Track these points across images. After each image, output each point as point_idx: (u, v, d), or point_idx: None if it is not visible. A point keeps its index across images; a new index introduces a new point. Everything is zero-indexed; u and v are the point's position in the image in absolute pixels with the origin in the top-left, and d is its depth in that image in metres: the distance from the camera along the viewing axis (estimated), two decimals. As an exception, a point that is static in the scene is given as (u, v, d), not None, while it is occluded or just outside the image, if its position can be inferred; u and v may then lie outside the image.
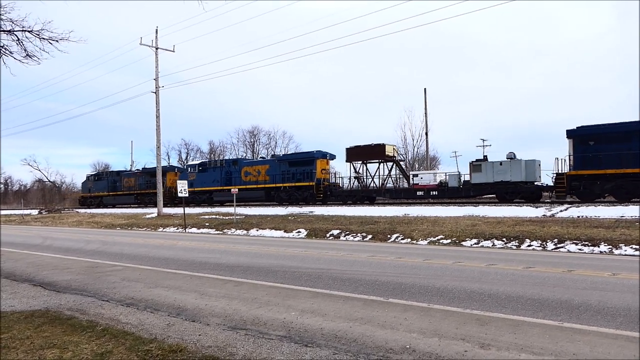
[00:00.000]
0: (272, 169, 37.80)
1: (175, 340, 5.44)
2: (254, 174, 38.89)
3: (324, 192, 35.28)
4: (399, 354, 4.79)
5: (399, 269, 10.20)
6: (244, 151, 76.98)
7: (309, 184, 35.25)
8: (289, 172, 36.65)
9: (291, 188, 36.28)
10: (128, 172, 56.91)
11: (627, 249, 12.78)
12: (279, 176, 37.12)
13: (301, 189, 35.81)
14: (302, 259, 12.17)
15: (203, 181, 41.98)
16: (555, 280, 8.51)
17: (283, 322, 6.06)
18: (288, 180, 36.54)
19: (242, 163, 41.38)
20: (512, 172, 27.48)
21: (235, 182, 39.02)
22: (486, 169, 28.34)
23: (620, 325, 5.64)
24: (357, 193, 35.38)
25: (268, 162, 39.15)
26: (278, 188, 37.14)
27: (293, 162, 37.07)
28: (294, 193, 36.16)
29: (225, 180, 40.39)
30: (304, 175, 35.78)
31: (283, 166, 37.14)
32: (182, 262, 12.18)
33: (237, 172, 39.91)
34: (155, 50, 35.94)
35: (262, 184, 38.01)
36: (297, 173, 36.17)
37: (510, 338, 5.16)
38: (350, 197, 35.08)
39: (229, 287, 8.46)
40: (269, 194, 37.77)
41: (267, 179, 37.83)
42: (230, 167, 40.98)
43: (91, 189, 56.15)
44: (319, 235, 19.43)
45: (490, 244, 14.93)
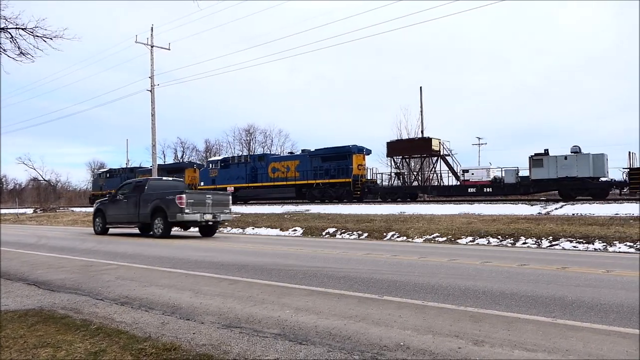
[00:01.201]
0: (303, 165, 35.95)
1: (169, 338, 5.42)
2: (282, 170, 36.95)
3: (362, 189, 33.24)
4: (393, 351, 4.79)
5: (394, 267, 10.22)
6: (240, 150, 76.98)
7: (344, 181, 33.27)
8: (321, 167, 34.75)
9: (325, 185, 34.33)
10: (143, 168, 54.76)
11: (621, 246, 12.86)
12: (310, 172, 35.21)
13: (335, 186, 33.90)
14: (297, 257, 12.18)
15: (226, 178, 40.01)
16: (549, 278, 8.54)
17: (278, 320, 6.06)
18: (321, 177, 34.56)
19: (269, 158, 39.20)
20: (578, 167, 25.69)
21: (262, 179, 37.61)
22: (548, 164, 26.48)
23: (613, 321, 5.66)
24: (400, 190, 33.12)
25: (298, 157, 37.29)
26: (310, 185, 35.13)
27: (326, 157, 35.03)
28: (328, 190, 34.26)
29: (251, 177, 38.59)
30: (338, 171, 33.87)
31: (315, 161, 35.32)
32: (177, 260, 12.16)
33: (264, 168, 38.04)
34: (150, 48, 35.88)
35: (292, 181, 36.04)
36: (331, 169, 34.29)
37: (504, 335, 5.18)
38: (391, 194, 32.94)
39: (223, 286, 8.45)
40: (299, 191, 35.84)
41: (298, 176, 35.85)
42: (255, 162, 39.06)
43: (103, 186, 53.23)
44: (315, 234, 19.45)
45: (485, 241, 14.99)
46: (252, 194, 38.22)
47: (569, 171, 25.96)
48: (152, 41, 35.70)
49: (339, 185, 33.51)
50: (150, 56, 35.82)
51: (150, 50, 35.77)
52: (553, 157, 26.49)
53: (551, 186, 27.36)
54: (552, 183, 26.88)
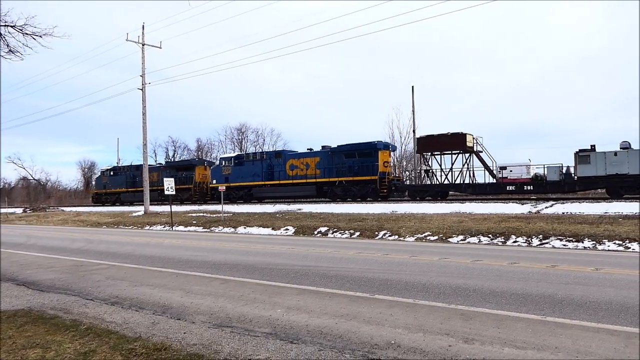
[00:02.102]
0: (324, 162, 33.87)
1: (159, 338, 5.41)
2: (301, 167, 34.93)
3: (389, 187, 31.46)
4: (383, 349, 4.81)
5: (385, 266, 10.24)
6: (232, 149, 76.75)
7: (370, 178, 31.41)
8: (344, 164, 32.72)
9: (348, 183, 32.44)
10: (150, 166, 52.33)
11: (610, 245, 12.95)
12: (332, 169, 33.18)
13: (359, 184, 32.02)
14: (289, 256, 12.17)
15: (240, 176, 38.10)
16: (539, 276, 8.60)
17: (269, 319, 6.06)
18: (344, 174, 32.61)
19: (287, 155, 36.97)
20: (629, 163, 24.16)
21: (280, 177, 35.73)
22: (596, 160, 24.99)
23: (601, 319, 5.71)
24: (431, 188, 31.04)
25: (319, 154, 34.85)
26: (332, 183, 33.20)
27: (350, 153, 32.93)
28: (352, 188, 32.42)
29: (267, 175, 36.55)
30: (363, 168, 31.90)
31: (337, 158, 33.20)
32: (168, 260, 12.11)
33: (281, 165, 36.05)
34: (141, 46, 35.67)
35: (313, 179, 34.05)
36: (354, 166, 32.31)
37: (494, 332, 5.21)
38: (421, 192, 30.91)
39: (215, 285, 8.43)
40: (321, 189, 34.00)
41: (318, 173, 33.90)
42: (272, 159, 37.02)
43: (107, 184, 51.20)
44: (307, 233, 19.44)
45: (476, 240, 15.04)
46: (268, 192, 36.56)
47: (619, 168, 24.50)
48: (143, 39, 35.52)
49: (363, 184, 31.86)
50: (141, 54, 35.67)
51: (142, 49, 35.58)
52: (601, 154, 25.11)
53: (599, 184, 25.85)
54: (600, 180, 25.36)
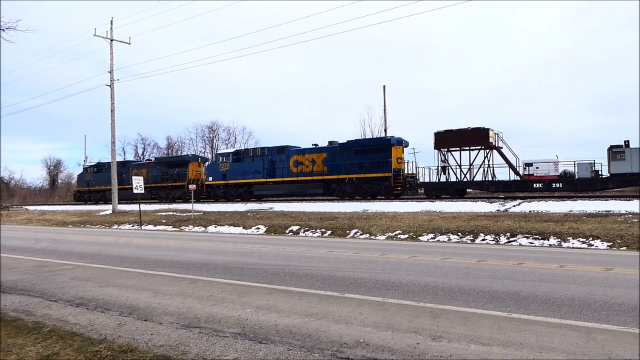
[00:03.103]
0: (331, 158, 32.44)
1: (126, 340, 5.31)
2: (306, 163, 33.38)
3: (403, 184, 30.17)
4: (352, 348, 4.82)
5: (356, 264, 10.28)
6: (203, 147, 76.01)
7: (383, 175, 30.00)
8: (354, 161, 31.25)
9: (359, 180, 30.95)
10: (138, 162, 50.45)
11: (574, 242, 13.29)
12: (341, 166, 31.72)
13: (371, 181, 30.60)
14: (259, 256, 12.11)
15: (239, 172, 36.30)
16: (505, 273, 8.77)
17: (238, 319, 6.01)
18: (353, 171, 31.19)
19: (291, 151, 34.84)
20: None
21: (283, 174, 34.14)
22: (631, 157, 23.97)
23: (564, 315, 5.86)
24: (450, 186, 29.64)
25: (326, 150, 33.26)
26: (342, 180, 31.65)
27: (360, 149, 31.52)
28: (363, 186, 30.90)
29: (269, 172, 34.82)
30: (375, 164, 30.46)
31: (346, 155, 31.69)
32: (136, 260, 11.90)
33: (284, 161, 34.40)
34: (110, 42, 34.94)
35: (319, 176, 32.54)
36: (365, 162, 30.80)
37: (461, 330, 5.28)
38: (439, 190, 29.62)
39: (183, 285, 8.32)
40: (329, 187, 32.40)
41: (325, 170, 32.44)
42: (274, 155, 35.14)
43: (90, 182, 48.24)
44: (278, 232, 19.38)
45: (446, 238, 15.23)
46: (270, 190, 34.88)
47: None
48: (111, 35, 34.77)
49: (375, 181, 30.47)
50: (109, 50, 34.94)
51: (110, 44, 34.84)
52: (636, 149, 24.06)
53: (635, 181, 24.68)
54: (635, 177, 24.33)
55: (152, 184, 41.80)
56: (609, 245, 12.66)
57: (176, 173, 40.94)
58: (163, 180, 41.43)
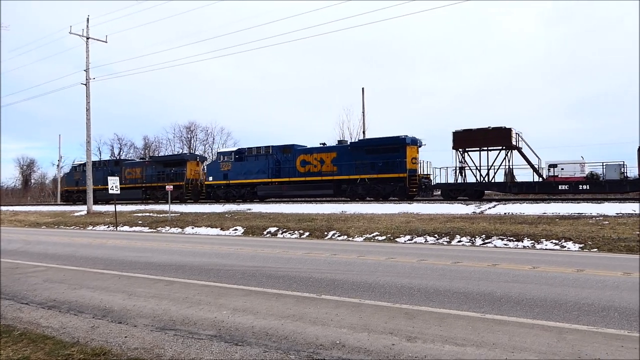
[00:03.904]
0: (341, 158, 31.33)
1: (99, 343, 5.23)
2: (314, 163, 32.27)
3: (419, 185, 29.26)
4: (328, 349, 4.84)
5: (333, 266, 10.31)
6: (180, 147, 75.30)
7: (398, 176, 29.07)
8: (365, 161, 30.23)
9: (371, 181, 29.95)
10: (131, 161, 48.60)
11: (547, 244, 13.55)
12: (352, 166, 30.64)
13: (384, 182, 29.60)
14: (237, 257, 12.05)
15: (242, 172, 34.87)
16: (480, 274, 8.89)
17: (214, 321, 5.97)
18: (365, 171, 30.11)
19: (298, 150, 33.59)
20: None
21: (289, 174, 32.97)
22: None
23: (537, 315, 5.97)
24: (469, 187, 28.37)
25: (335, 149, 32.29)
26: (353, 181, 30.57)
27: (373, 148, 30.46)
28: (376, 187, 29.89)
29: (274, 171, 33.53)
30: (388, 165, 29.50)
31: (358, 154, 30.68)
32: (111, 261, 11.73)
33: (291, 160, 33.15)
34: (86, 40, 34.36)
35: (329, 176, 31.40)
36: (378, 162, 29.81)
37: (436, 330, 5.34)
38: (458, 191, 28.43)
39: (159, 287, 8.23)
40: (338, 187, 31.29)
41: (335, 170, 31.32)
42: (279, 154, 33.84)
43: (79, 181, 45.21)
44: (256, 233, 19.32)
45: (423, 240, 15.37)
46: (276, 190, 33.71)
47: None
48: (87, 33, 34.20)
49: (389, 181, 29.51)
50: (85, 48, 34.37)
51: (86, 42, 34.26)
52: None
53: None
54: None
55: (147, 184, 40.27)
56: (581, 246, 12.93)
57: (173, 172, 39.45)
58: (159, 180, 39.74)
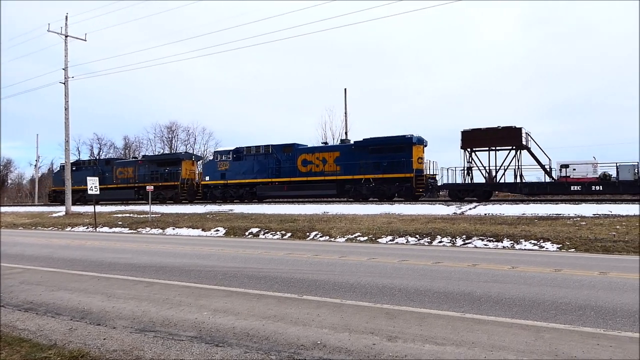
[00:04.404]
0: (345, 157, 30.70)
1: (77, 345, 5.16)
2: (316, 162, 31.62)
3: (426, 186, 28.80)
4: (309, 349, 4.84)
5: (315, 266, 10.32)
6: (161, 147, 74.58)
7: (404, 176, 28.54)
8: (370, 160, 29.70)
9: (376, 181, 29.38)
10: (123, 160, 47.43)
11: (526, 244, 13.73)
12: (355, 166, 30.02)
13: (390, 182, 29.07)
14: (218, 258, 11.98)
15: (241, 172, 34.19)
16: (460, 274, 8.98)
17: (194, 322, 5.93)
18: (370, 171, 29.58)
19: (299, 149, 33.06)
20: None
21: (289, 173, 32.34)
22: None
23: (515, 314, 6.06)
24: (478, 187, 27.81)
25: (338, 148, 31.80)
26: (357, 181, 29.94)
27: (378, 148, 29.82)
28: (381, 187, 29.34)
29: (274, 171, 32.89)
30: (394, 165, 28.97)
31: (361, 154, 30.09)
32: (90, 263, 11.57)
33: (291, 160, 32.47)
34: (64, 38, 33.83)
35: (332, 176, 30.79)
36: (383, 162, 29.29)
37: (417, 330, 5.38)
38: (466, 192, 27.87)
39: (139, 288, 8.14)
40: (342, 187, 30.69)
41: (338, 170, 30.72)
42: (279, 154, 33.21)
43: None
44: (238, 234, 19.23)
45: (404, 240, 15.47)
46: (276, 191, 33.03)
47: None
48: (66, 31, 33.67)
49: (395, 182, 28.97)
50: (64, 46, 33.83)
51: (65, 41, 33.72)
52: None
53: None
54: None
55: (140, 184, 39.14)
56: (559, 247, 13.15)
57: (167, 172, 38.57)
58: (153, 180, 38.48)
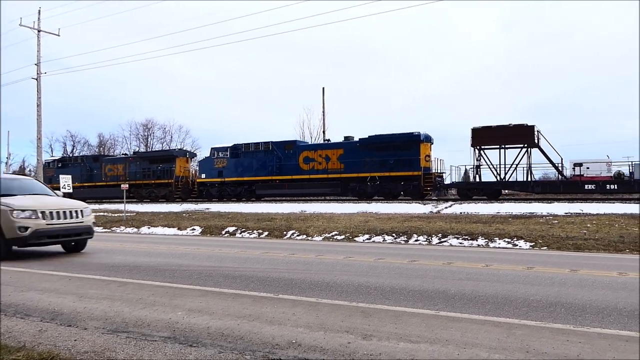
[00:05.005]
0: (349, 155, 30.17)
1: (47, 347, 5.04)
2: (319, 160, 31.00)
3: (434, 184, 28.48)
4: (284, 349, 4.82)
5: (291, 265, 10.30)
6: (137, 145, 73.62)
7: (412, 174, 28.09)
8: (375, 158, 29.17)
9: (382, 179, 28.97)
10: (112, 157, 45.92)
11: (500, 242, 13.96)
12: (361, 163, 29.46)
13: (396, 181, 28.74)
14: (194, 257, 11.87)
15: (239, 169, 33.45)
16: (435, 272, 9.08)
17: (168, 322, 5.86)
18: (375, 169, 29.08)
19: (300, 146, 32.60)
20: None
21: (291, 171, 31.61)
22: None
23: (489, 311, 6.14)
24: (488, 186, 27.59)
25: (342, 146, 31.08)
26: (362, 179, 29.48)
27: (384, 145, 29.28)
28: (387, 185, 29.02)
29: (275, 169, 32.08)
30: (400, 163, 28.51)
31: (365, 151, 29.59)
32: (61, 263, 11.34)
33: (293, 157, 31.86)
34: (37, 32, 33.13)
35: (336, 173, 30.21)
36: (390, 160, 28.76)
37: (391, 328, 5.41)
38: (477, 190, 27.57)
39: (112, 288, 8.01)
40: (346, 186, 30.11)
41: (342, 167, 30.19)
42: (280, 151, 32.38)
43: (53, 178, 40.51)
44: (214, 233, 19.10)
45: (381, 239, 15.56)
46: (277, 189, 32.18)
47: None
48: (39, 25, 33.00)
49: (402, 180, 28.55)
50: (37, 41, 33.12)
51: (37, 35, 33.05)
52: None
53: None
54: None
55: (131, 181, 37.77)
56: (532, 245, 13.39)
57: (160, 169, 37.54)
58: (144, 177, 37.91)
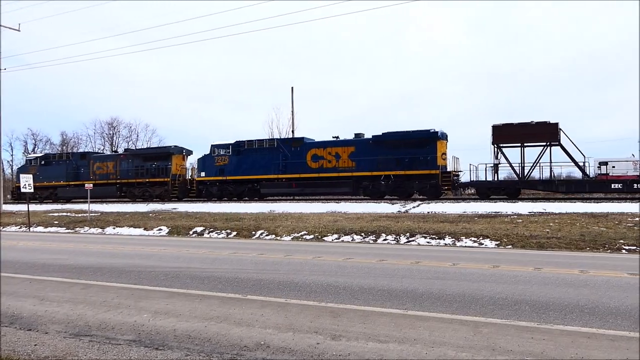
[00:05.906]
0: (361, 152, 28.74)
1: (5, 352, 4.86)
2: (328, 158, 29.58)
3: (452, 183, 27.48)
4: (252, 350, 4.78)
5: (260, 265, 10.23)
6: (102, 144, 71.93)
7: (429, 173, 26.99)
8: (389, 156, 27.88)
9: (397, 178, 27.73)
10: (101, 154, 43.52)
11: (467, 241, 14.18)
12: (374, 162, 28.17)
13: (412, 179, 27.52)
14: (160, 258, 11.66)
15: (241, 168, 31.78)
16: (404, 272, 9.15)
17: (133, 325, 5.73)
18: (389, 168, 27.81)
19: (308, 143, 30.75)
20: None
21: (298, 169, 30.03)
22: None
23: (455, 310, 6.22)
24: (510, 185, 26.87)
25: (353, 143, 29.46)
26: (376, 178, 28.19)
27: (398, 143, 27.99)
28: (402, 184, 27.80)
29: (282, 167, 30.53)
30: (416, 161, 27.31)
31: (381, 149, 28.25)
32: (22, 264, 10.97)
33: (300, 155, 30.18)
34: (-5, 27, 31.93)
35: (347, 172, 28.83)
36: (405, 158, 27.55)
37: (360, 328, 5.42)
38: (497, 190, 26.60)
39: (74, 291, 7.79)
40: (358, 185, 28.81)
41: (353, 166, 28.75)
42: (287, 148, 30.76)
43: (36, 177, 37.03)
44: (182, 233, 18.81)
45: (350, 238, 15.61)
46: (283, 188, 30.70)
47: None
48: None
49: (418, 179, 27.44)
50: (-5, 36, 31.97)
51: (-4, 30, 31.88)
52: None
53: None
54: None
55: (123, 180, 36.01)
56: (497, 243, 13.65)
57: (155, 167, 35.45)
58: (138, 176, 35.76)
